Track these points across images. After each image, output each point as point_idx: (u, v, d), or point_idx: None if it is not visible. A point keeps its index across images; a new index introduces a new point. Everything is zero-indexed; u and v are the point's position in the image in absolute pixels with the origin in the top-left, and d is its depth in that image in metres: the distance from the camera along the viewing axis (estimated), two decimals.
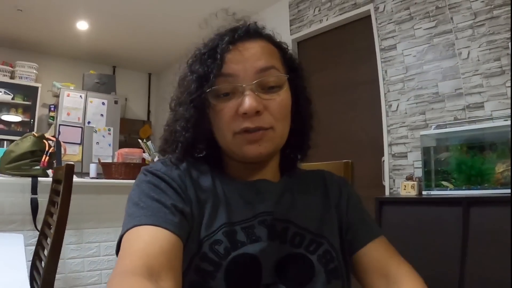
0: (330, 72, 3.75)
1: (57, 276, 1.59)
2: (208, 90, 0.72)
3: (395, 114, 3.10)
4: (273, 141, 0.73)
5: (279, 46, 0.81)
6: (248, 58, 0.72)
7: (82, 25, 5.35)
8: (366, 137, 3.37)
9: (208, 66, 0.73)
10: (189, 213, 0.68)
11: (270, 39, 0.80)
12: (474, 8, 2.64)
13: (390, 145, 3.13)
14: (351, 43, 3.56)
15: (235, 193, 0.75)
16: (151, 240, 0.59)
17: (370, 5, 3.29)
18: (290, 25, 4.16)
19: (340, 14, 3.56)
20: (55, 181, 2.05)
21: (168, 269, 0.57)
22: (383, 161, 3.16)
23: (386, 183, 3.12)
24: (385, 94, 3.18)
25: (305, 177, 0.85)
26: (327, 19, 3.71)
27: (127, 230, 0.62)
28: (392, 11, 3.15)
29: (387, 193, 3.08)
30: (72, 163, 1.81)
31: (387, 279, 0.71)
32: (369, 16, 3.31)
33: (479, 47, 2.62)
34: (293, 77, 0.79)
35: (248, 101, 0.69)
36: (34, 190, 2.39)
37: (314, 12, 3.87)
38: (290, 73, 0.78)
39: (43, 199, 2.26)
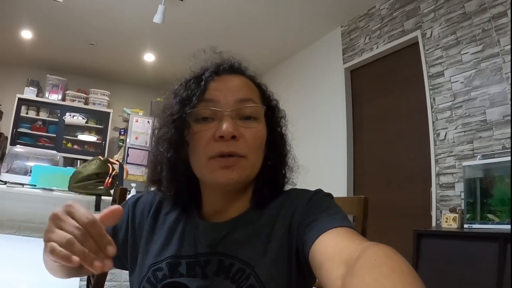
0: (380, 101, 3.81)
1: (113, 283, 1.81)
2: (188, 111, 0.78)
3: (443, 143, 3.08)
4: (245, 170, 0.77)
5: (259, 85, 0.89)
6: (230, 88, 0.80)
7: (149, 57, 5.96)
8: (414, 166, 3.36)
9: (192, 90, 0.80)
10: (119, 245, 0.85)
11: (251, 77, 0.88)
12: None
13: (437, 175, 3.09)
14: (400, 70, 3.60)
15: (192, 231, 0.82)
16: None
17: (417, 32, 3.34)
18: (343, 54, 4.28)
19: (389, 42, 3.62)
20: (114, 200, 2.34)
21: None
22: (431, 191, 3.12)
23: (433, 214, 3.07)
24: (433, 122, 3.17)
25: (271, 208, 0.82)
26: (377, 47, 3.78)
27: None
28: (439, 36, 3.16)
29: (433, 224, 3.03)
30: (133, 183, 2.08)
31: (347, 264, 0.54)
32: (417, 43, 3.35)
33: None
34: (269, 115, 0.86)
35: (226, 125, 0.74)
36: (97, 207, 2.76)
37: (365, 40, 3.96)
38: (268, 110, 0.85)
39: None
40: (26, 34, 5.45)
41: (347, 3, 3.95)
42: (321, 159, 4.52)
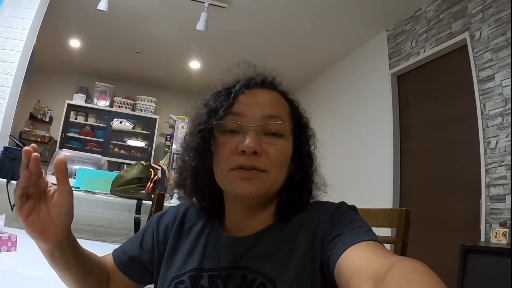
0: (428, 107, 3.72)
1: None
2: (215, 122, 0.80)
3: (494, 152, 2.96)
4: (264, 184, 0.78)
5: (291, 102, 0.89)
6: (258, 103, 0.81)
7: (195, 64, 6.14)
8: (463, 176, 3.25)
9: (220, 102, 0.82)
10: (147, 261, 0.90)
11: (283, 93, 0.88)
12: None
13: (488, 186, 2.97)
14: (449, 75, 3.50)
15: (215, 244, 0.84)
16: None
17: (465, 34, 3.23)
18: (389, 59, 4.22)
19: (437, 45, 3.53)
20: (153, 204, 2.43)
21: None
22: (481, 203, 3.01)
23: (482, 228, 2.95)
24: (483, 130, 3.06)
25: (294, 222, 0.82)
26: (424, 51, 3.70)
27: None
28: (489, 38, 3.05)
29: (482, 239, 2.91)
30: (176, 189, 2.15)
31: (375, 280, 0.53)
32: (465, 45, 3.25)
33: None
34: (298, 133, 0.85)
35: (249, 140, 0.75)
36: (138, 210, 2.88)
37: (411, 44, 3.89)
38: (297, 128, 0.85)
39: (145, 219, 2.72)
40: (75, 43, 5.79)
41: (392, 7, 3.90)
42: (365, 168, 4.46)
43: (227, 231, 0.86)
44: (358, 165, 4.60)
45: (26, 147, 0.65)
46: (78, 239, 0.81)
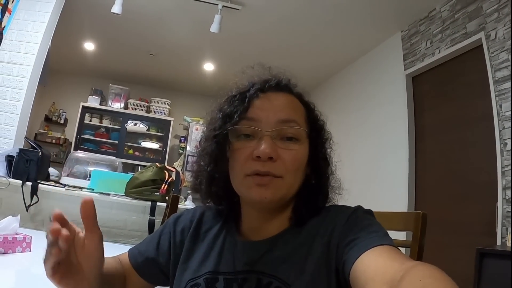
0: (443, 109, 3.68)
1: None
2: (230, 128, 0.80)
3: (510, 154, 2.91)
4: (279, 190, 0.78)
5: (306, 105, 0.88)
6: (273, 107, 0.81)
7: (209, 66, 6.18)
8: (479, 179, 3.20)
9: (235, 107, 0.82)
10: (163, 263, 0.91)
11: (298, 95, 0.88)
12: None
13: (504, 188, 2.92)
14: (464, 76, 3.46)
15: (231, 248, 0.84)
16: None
17: (481, 33, 3.19)
18: (404, 60, 4.18)
19: (452, 45, 3.49)
20: (167, 206, 2.44)
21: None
22: (497, 206, 2.96)
23: (499, 231, 2.91)
24: (499, 131, 3.01)
25: (309, 226, 0.82)
26: (439, 52, 3.66)
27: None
28: (504, 38, 3.00)
29: (498, 243, 2.87)
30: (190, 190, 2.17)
31: (390, 285, 0.53)
32: (481, 45, 3.20)
33: None
34: (314, 136, 0.85)
35: (264, 146, 0.75)
36: (152, 212, 2.91)
37: (426, 45, 3.85)
38: (312, 132, 0.85)
39: (159, 221, 2.74)
40: (89, 46, 5.86)
41: (407, 7, 3.86)
42: (380, 171, 4.43)
43: (243, 235, 0.86)
44: (373, 167, 4.57)
45: (54, 227, 0.59)
46: None
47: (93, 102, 6.83)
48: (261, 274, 0.77)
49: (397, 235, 0.96)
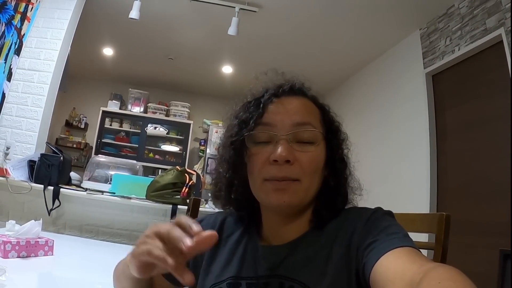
0: (464, 107, 3.61)
1: None
2: (246, 134, 0.82)
3: None
4: (298, 194, 0.79)
5: (321, 107, 0.89)
6: (288, 111, 0.82)
7: (227, 69, 6.20)
8: (502, 178, 3.12)
9: (250, 113, 0.84)
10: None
11: (313, 98, 0.89)
12: None
13: None
14: (485, 73, 3.38)
15: (253, 252, 0.85)
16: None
17: (501, 29, 3.11)
18: (423, 58, 4.12)
19: (472, 42, 3.42)
20: (188, 209, 2.45)
21: None
22: None
23: None
24: None
25: (329, 228, 0.82)
26: (459, 49, 3.60)
27: None
28: None
29: None
30: (213, 191, 2.16)
31: (410, 286, 0.54)
32: (501, 41, 3.13)
33: None
34: (330, 138, 0.86)
35: (280, 150, 0.77)
36: (173, 215, 2.93)
37: (445, 42, 3.79)
38: (328, 133, 0.86)
39: None
40: (108, 52, 5.94)
41: (425, 4, 3.80)
42: (400, 171, 4.37)
43: (264, 240, 0.87)
44: (394, 168, 4.51)
45: (194, 246, 0.55)
46: (114, 243, 0.82)
47: (113, 106, 6.92)
48: (283, 278, 0.78)
49: (419, 237, 0.94)
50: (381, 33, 4.50)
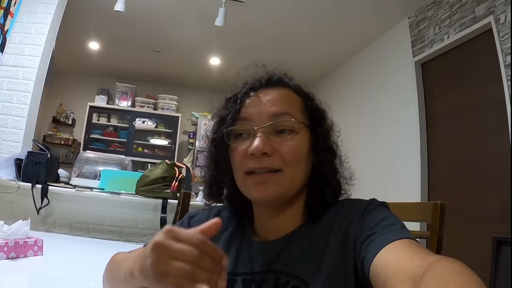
0: (454, 95, 3.64)
1: None
2: (224, 130, 0.83)
3: None
4: (280, 185, 0.78)
5: (304, 95, 0.87)
6: (264, 104, 0.82)
7: (215, 61, 6.17)
8: (493, 165, 3.16)
9: (228, 109, 0.85)
10: None
11: (295, 88, 0.87)
12: None
13: None
14: (475, 61, 3.41)
15: (247, 248, 0.84)
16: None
17: (490, 17, 3.13)
18: (412, 47, 4.14)
19: (461, 30, 3.44)
20: (179, 203, 2.45)
21: None
22: None
23: None
24: None
25: (324, 221, 0.81)
26: (448, 37, 3.61)
27: None
28: None
29: None
30: (201, 186, 2.16)
31: (412, 281, 0.53)
32: (490, 29, 3.15)
33: None
34: (314, 126, 0.85)
35: (256, 143, 0.77)
36: (163, 210, 2.91)
37: (434, 30, 3.80)
38: (312, 121, 0.85)
39: (171, 218, 2.74)
40: (94, 46, 5.89)
41: None
42: (391, 160, 4.40)
43: (258, 235, 0.87)
44: (385, 157, 4.53)
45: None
46: (105, 240, 0.81)
47: (100, 101, 6.86)
48: (279, 273, 0.78)
49: (411, 226, 0.95)
50: (370, 22, 4.50)
